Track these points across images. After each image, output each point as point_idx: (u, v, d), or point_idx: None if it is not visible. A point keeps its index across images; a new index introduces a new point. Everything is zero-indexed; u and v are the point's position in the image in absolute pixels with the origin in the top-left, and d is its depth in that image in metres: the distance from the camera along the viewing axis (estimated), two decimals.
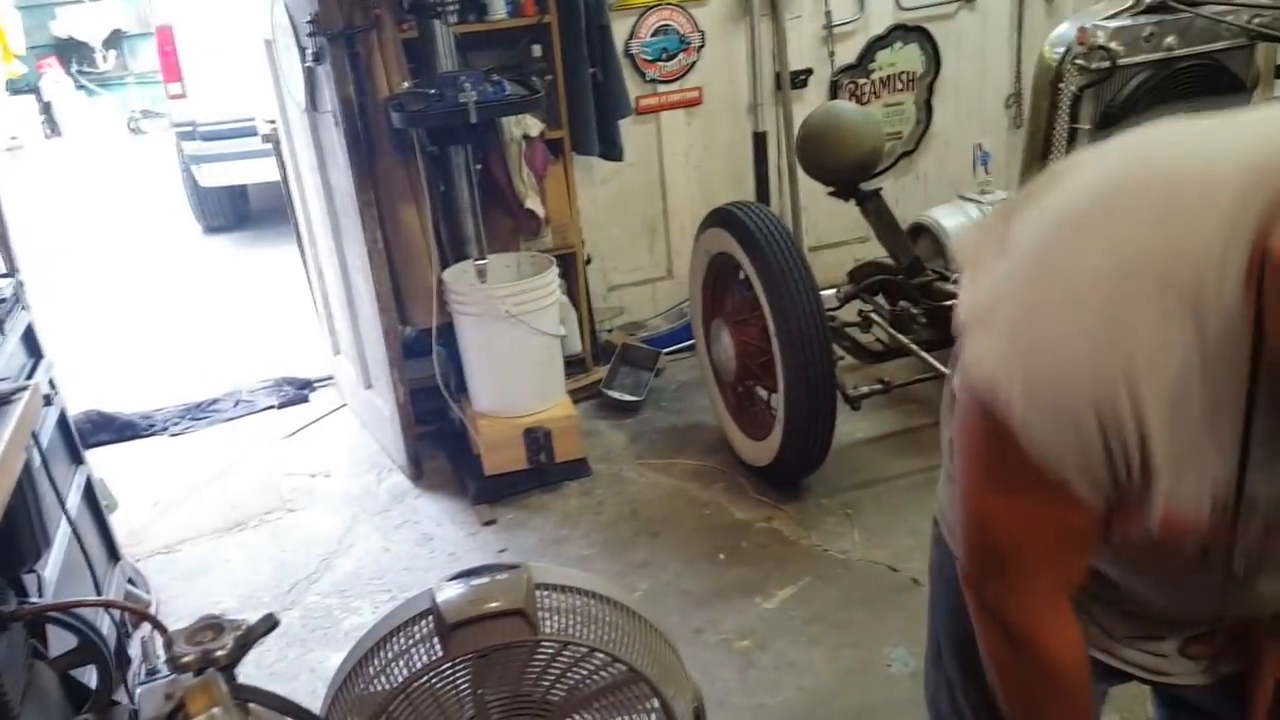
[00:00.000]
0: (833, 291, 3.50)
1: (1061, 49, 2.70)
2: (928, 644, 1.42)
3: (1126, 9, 2.66)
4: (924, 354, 3.26)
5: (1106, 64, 2.59)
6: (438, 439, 3.64)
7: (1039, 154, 2.84)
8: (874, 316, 3.39)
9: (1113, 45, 2.60)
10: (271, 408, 4.15)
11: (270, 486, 3.60)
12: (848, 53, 4.28)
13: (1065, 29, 2.72)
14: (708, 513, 3.20)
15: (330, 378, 4.26)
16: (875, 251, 3.67)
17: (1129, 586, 1.08)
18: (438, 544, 3.15)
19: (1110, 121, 2.68)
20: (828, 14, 4.16)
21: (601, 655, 1.73)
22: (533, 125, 3.33)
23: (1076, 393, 0.84)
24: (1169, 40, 2.65)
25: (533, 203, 3.38)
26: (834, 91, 4.28)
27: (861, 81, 4.32)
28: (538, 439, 3.28)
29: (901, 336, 3.33)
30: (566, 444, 3.33)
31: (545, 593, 1.76)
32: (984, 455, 0.97)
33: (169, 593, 3.09)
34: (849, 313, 3.49)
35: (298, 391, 4.22)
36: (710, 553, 2.99)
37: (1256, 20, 2.64)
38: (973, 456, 0.99)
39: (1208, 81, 2.72)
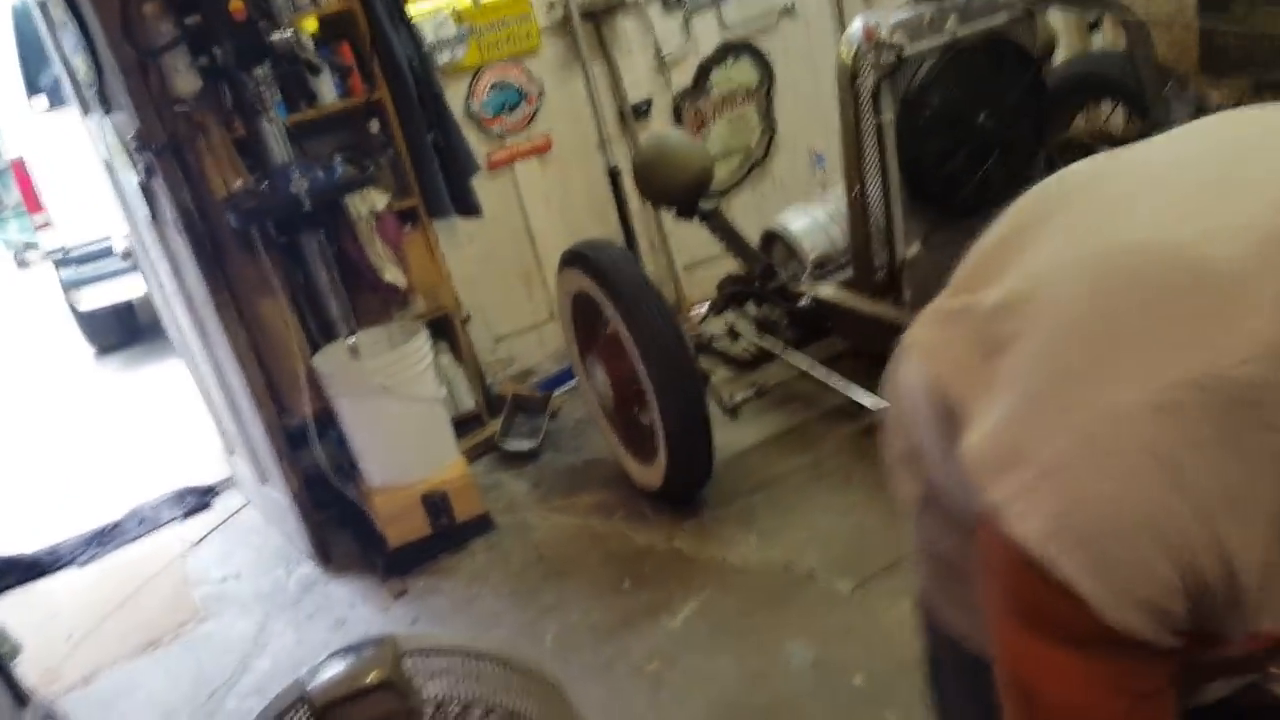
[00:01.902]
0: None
1: (853, 47, 2.84)
2: (934, 712, 1.28)
3: (908, 1, 2.81)
4: (790, 354, 3.38)
5: (894, 56, 2.74)
6: (341, 521, 3.65)
7: (852, 149, 2.98)
8: (738, 326, 3.51)
9: (897, 37, 2.74)
10: (175, 519, 4.12)
11: (181, 599, 3.58)
12: (683, 77, 4.42)
13: (854, 28, 2.87)
14: (611, 545, 3.26)
15: (230, 479, 4.25)
16: None
17: None
18: (351, 626, 3.16)
19: (909, 110, 2.82)
20: (657, 45, 4.30)
21: (479, 710, 1.79)
22: (378, 199, 3.39)
23: (1144, 546, 0.72)
24: (950, 23, 2.80)
25: (392, 275, 3.43)
26: (677, 116, 4.41)
27: (701, 102, 4.47)
28: (436, 503, 3.32)
29: (768, 341, 3.45)
30: (466, 503, 3.37)
31: (422, 658, 1.81)
32: (1040, 618, 0.80)
33: None
34: (721, 326, 3.61)
35: (200, 499, 4.21)
36: (616, 583, 3.05)
37: None
38: (1025, 619, 0.82)
39: (995, 56, 2.88)
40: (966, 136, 2.90)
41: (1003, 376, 0.81)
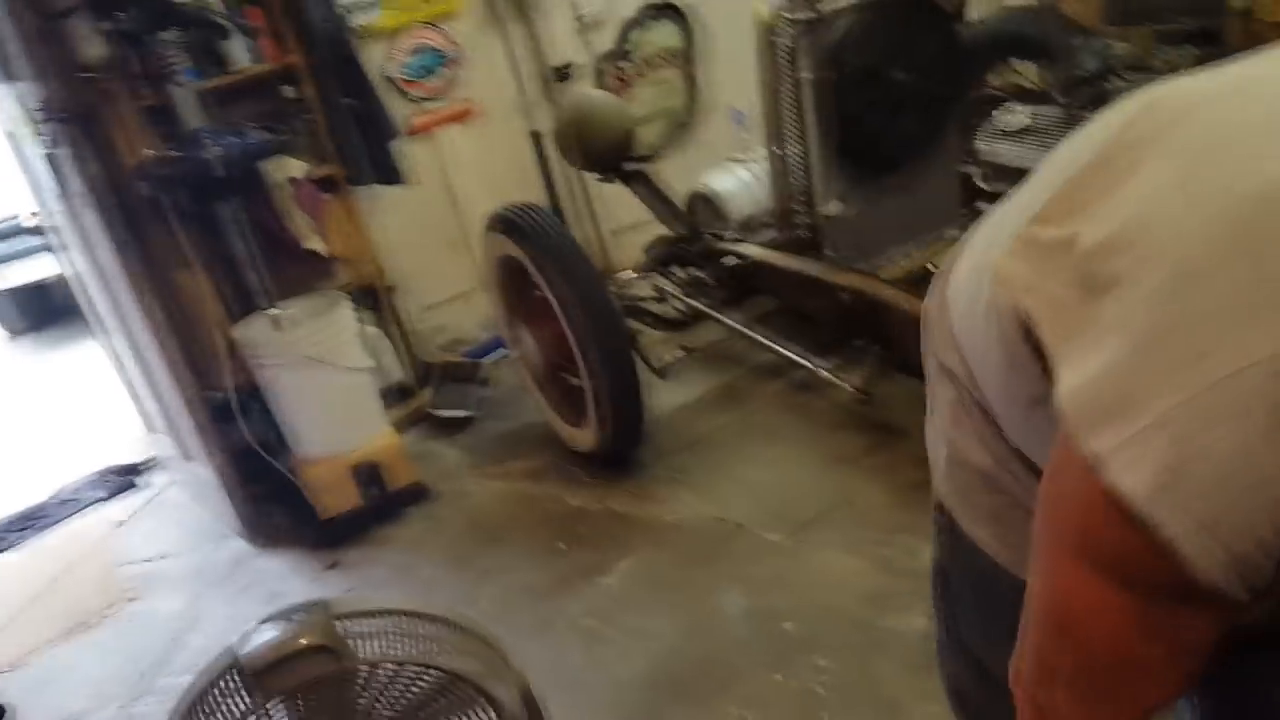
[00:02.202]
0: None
1: (771, 6, 2.86)
2: (943, 627, 1.28)
3: None
4: (718, 313, 3.41)
5: (811, 13, 2.76)
6: (271, 495, 3.60)
7: (773, 108, 3.00)
8: (667, 287, 3.53)
9: None
10: (100, 501, 4.04)
11: (109, 580, 3.52)
12: (605, 39, 4.40)
13: None
14: (546, 507, 3.28)
15: (154, 458, 4.17)
16: None
17: None
18: (284, 600, 3.13)
19: (828, 67, 2.85)
20: (576, 7, 4.26)
21: (415, 667, 1.80)
22: (295, 167, 3.33)
23: (1255, 507, 0.70)
24: None
25: (313, 243, 3.38)
26: (599, 79, 4.39)
27: (624, 65, 4.45)
28: (367, 473, 3.30)
29: (696, 301, 3.47)
30: (398, 472, 3.36)
31: (355, 621, 1.82)
32: (1113, 563, 0.78)
33: (22, 707, 3.00)
34: (649, 288, 3.63)
35: (124, 479, 4.12)
36: (551, 545, 3.07)
37: None
38: (1093, 561, 0.80)
39: (910, 13, 2.91)
40: (885, 93, 2.93)
41: (1108, 319, 0.75)
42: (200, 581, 3.34)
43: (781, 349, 3.20)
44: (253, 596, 3.19)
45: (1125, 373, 0.73)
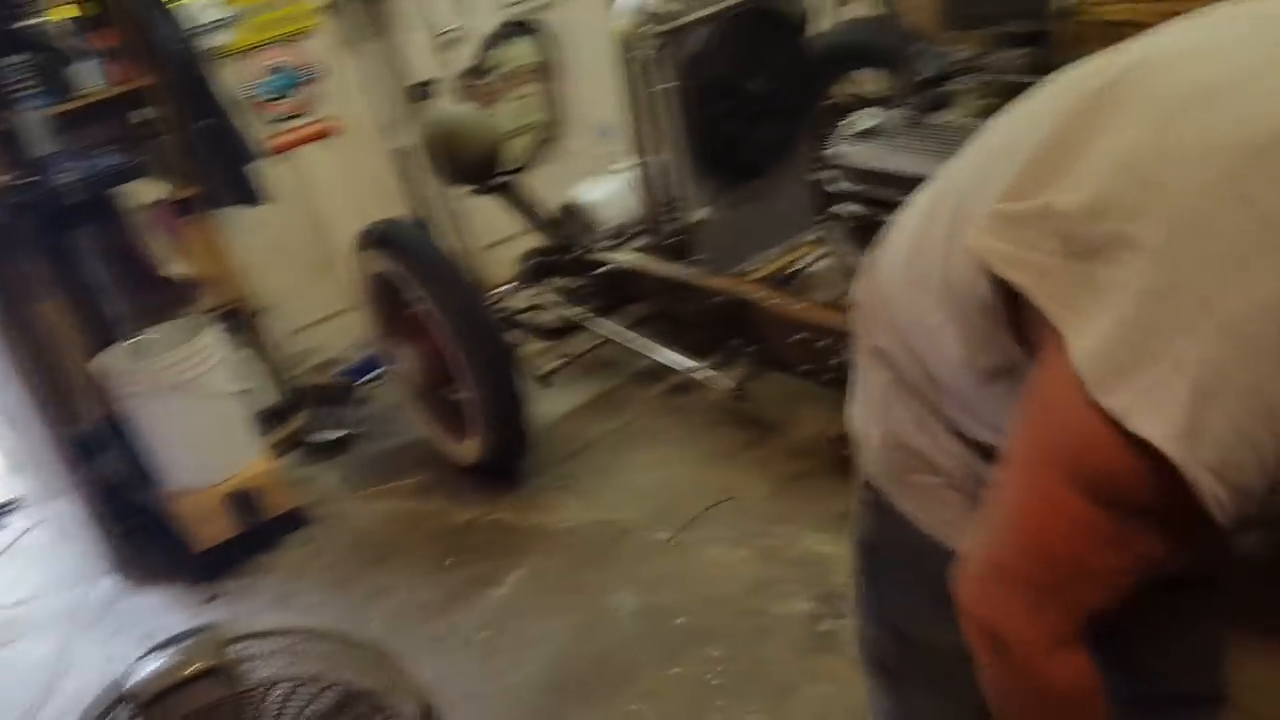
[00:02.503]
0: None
1: (629, 20, 2.94)
2: (865, 600, 1.33)
3: None
4: (595, 322, 3.47)
5: (666, 27, 2.85)
6: (144, 531, 3.47)
7: (637, 119, 3.09)
8: (543, 297, 3.57)
9: (669, 8, 2.86)
10: None
11: None
12: (464, 57, 4.41)
13: (627, 1, 2.96)
14: (431, 524, 3.26)
15: (17, 498, 3.96)
16: None
17: None
18: (162, 637, 3.03)
19: (685, 77, 2.95)
20: (435, 24, 4.27)
21: (312, 685, 1.79)
22: (153, 190, 3.24)
23: (1263, 441, 0.74)
24: None
25: (174, 268, 3.29)
26: (462, 95, 4.40)
27: (487, 80, 4.47)
28: (243, 501, 3.22)
29: (572, 310, 3.52)
30: (275, 498, 3.29)
31: (247, 643, 1.80)
32: (1100, 486, 0.82)
33: None
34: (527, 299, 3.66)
35: None
36: (439, 561, 3.07)
37: None
38: (1076, 480, 0.83)
39: (761, 23, 3.04)
40: (741, 102, 3.05)
41: (1110, 280, 0.77)
42: (71, 624, 3.20)
43: (657, 352, 3.28)
44: (128, 637, 3.07)
45: (1135, 328, 0.75)
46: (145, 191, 3.25)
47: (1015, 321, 0.91)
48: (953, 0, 2.30)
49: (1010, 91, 1.10)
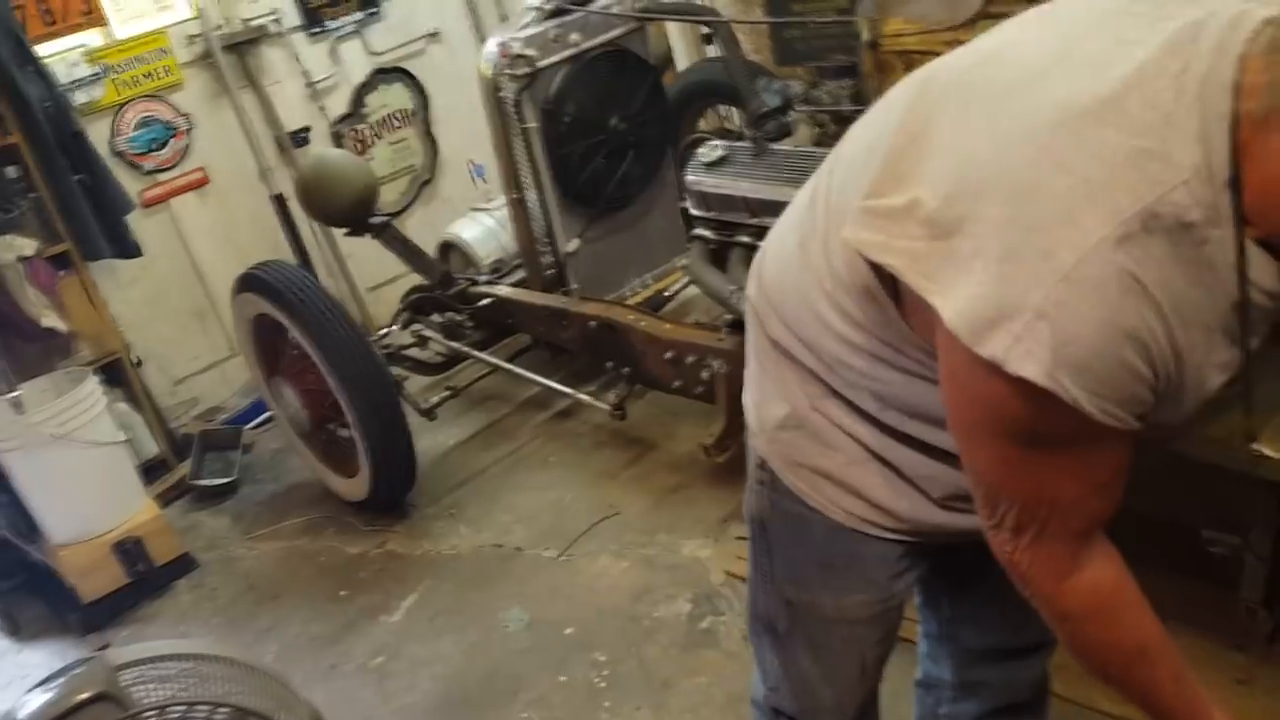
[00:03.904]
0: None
1: (492, 63, 3.09)
2: (757, 571, 1.45)
3: (532, 19, 3.10)
4: (479, 354, 3.59)
5: (528, 69, 3.01)
6: (29, 587, 3.44)
7: (506, 158, 3.24)
8: (426, 333, 3.66)
9: (529, 52, 3.02)
10: None
11: None
12: (339, 103, 4.51)
13: (490, 45, 3.12)
14: (323, 559, 3.31)
15: None
16: None
17: None
18: None
19: (549, 116, 3.11)
20: (305, 73, 4.36)
21: (204, 706, 1.84)
22: (25, 245, 3.24)
23: (1129, 354, 0.87)
24: (574, 37, 3.12)
25: (50, 320, 3.29)
26: (337, 141, 4.49)
27: (360, 127, 4.57)
28: (130, 550, 3.21)
29: (456, 344, 3.63)
30: (162, 545, 3.30)
31: (142, 668, 1.84)
32: (1019, 428, 0.95)
33: None
34: (409, 336, 3.75)
35: None
36: (332, 594, 3.12)
37: (637, 5, 3.18)
38: (1001, 431, 0.98)
39: (617, 64, 3.23)
40: (603, 139, 3.23)
41: (965, 251, 0.90)
42: None
43: (540, 380, 3.40)
44: (15, 692, 2.99)
45: (995, 286, 0.88)
46: (18, 246, 3.24)
47: (900, 305, 1.05)
48: (782, 39, 2.51)
49: (840, 119, 1.26)
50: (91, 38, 3.92)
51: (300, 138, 4.37)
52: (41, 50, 3.61)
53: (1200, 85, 0.84)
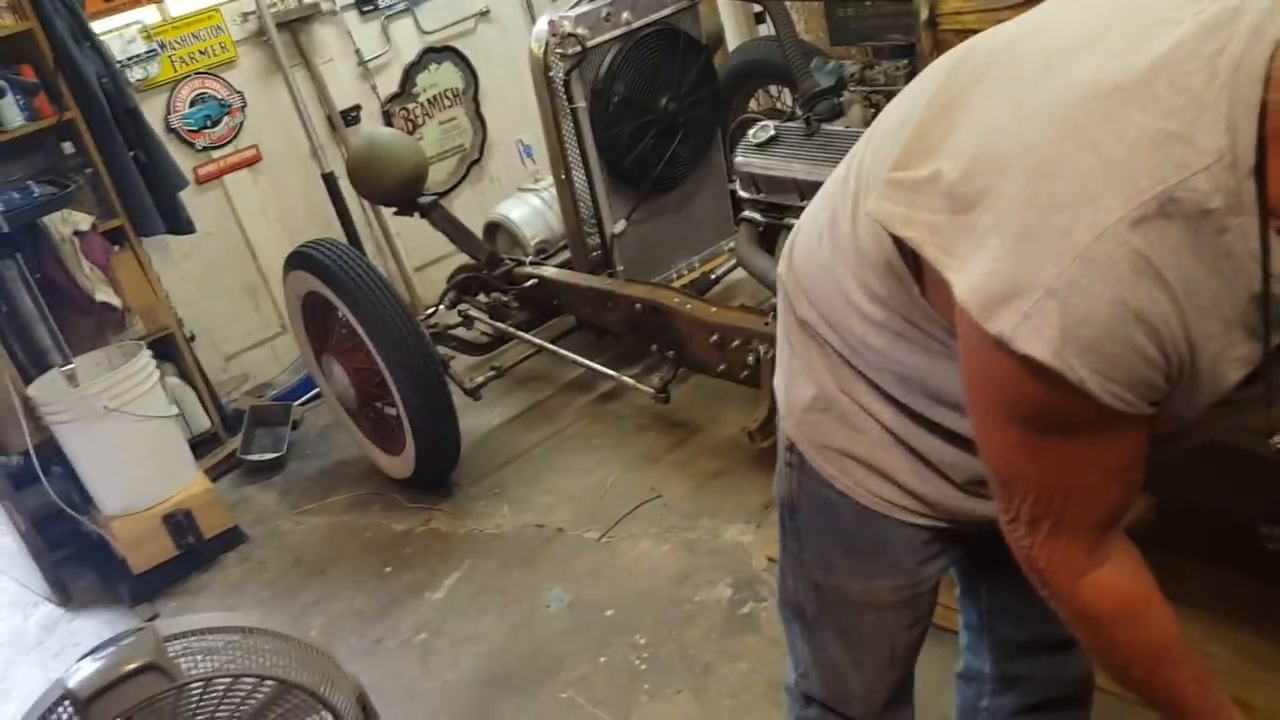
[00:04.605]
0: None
1: (542, 42, 3.08)
2: (786, 554, 1.45)
3: None
4: (524, 334, 3.59)
5: (578, 48, 2.99)
6: (80, 557, 3.52)
7: (554, 138, 3.22)
8: (472, 313, 3.67)
9: (579, 30, 3.01)
10: None
11: None
12: (389, 82, 4.52)
13: (540, 25, 3.11)
14: (369, 535, 3.34)
15: None
16: None
17: None
18: None
19: (598, 96, 3.09)
20: (357, 52, 4.38)
21: (250, 679, 1.87)
22: (81, 220, 3.30)
23: (1139, 336, 0.85)
24: (625, 15, 3.10)
25: (104, 294, 3.35)
26: (387, 120, 4.51)
27: (411, 106, 4.59)
28: (180, 522, 3.27)
29: (501, 324, 3.64)
30: (211, 518, 3.35)
31: (189, 639, 1.87)
32: (1035, 422, 0.95)
33: None
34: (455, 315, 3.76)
35: None
36: (377, 570, 3.14)
37: None
38: (1014, 416, 0.96)
39: (668, 43, 3.20)
40: (652, 120, 3.21)
41: (983, 226, 0.89)
42: (10, 650, 3.22)
43: (584, 362, 3.40)
44: (67, 659, 3.09)
45: (1009, 262, 0.87)
46: (75, 220, 3.30)
47: (921, 281, 1.03)
48: (838, 18, 2.47)
49: (900, 92, 1.22)
50: (148, 14, 3.97)
51: (351, 116, 4.40)
52: (98, 27, 3.67)
53: (1232, 71, 0.82)
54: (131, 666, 1.74)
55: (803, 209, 1.30)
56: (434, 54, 4.59)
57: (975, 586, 1.56)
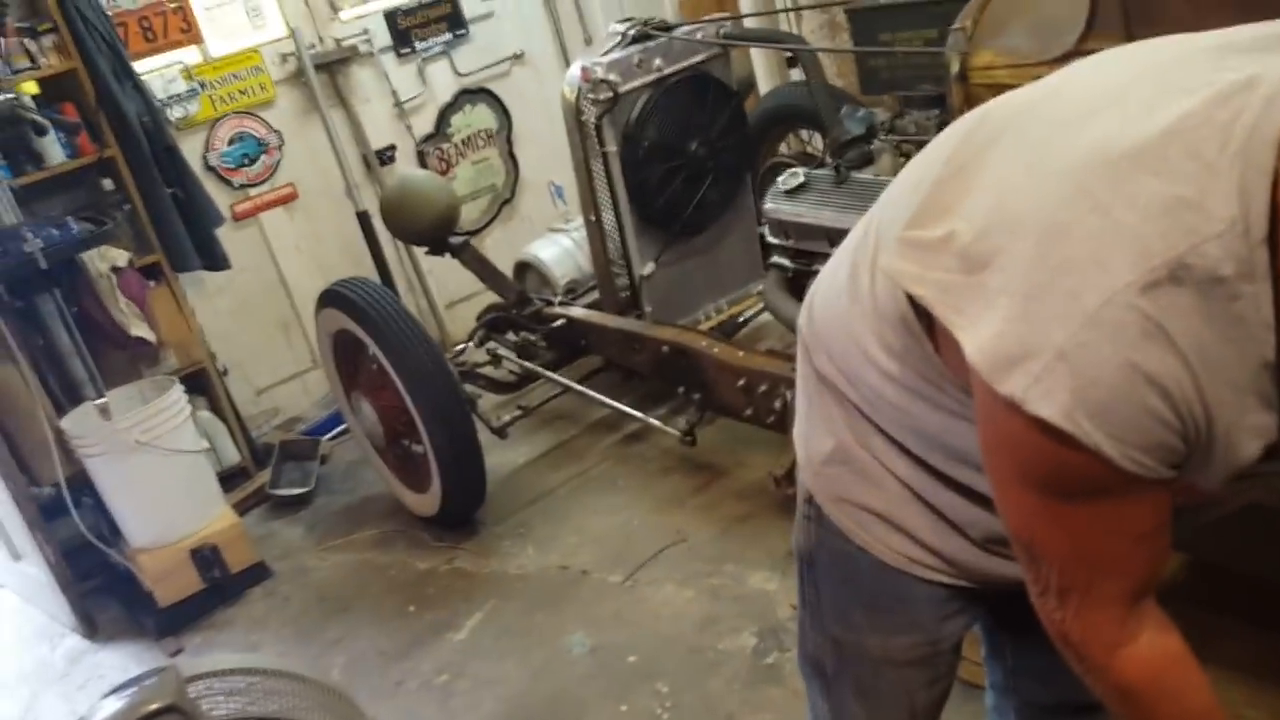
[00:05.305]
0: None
1: (575, 87, 3.11)
2: (805, 608, 1.43)
3: (616, 44, 3.11)
4: (551, 374, 3.60)
5: (610, 94, 3.02)
6: (107, 589, 3.54)
7: (585, 181, 3.25)
8: (500, 351, 3.69)
9: (611, 77, 3.04)
10: None
11: None
12: (424, 123, 4.59)
13: (573, 70, 3.14)
14: (393, 573, 3.34)
15: None
16: None
17: None
18: None
19: (629, 140, 3.12)
20: (394, 93, 4.45)
21: None
22: (118, 256, 3.36)
23: (1152, 399, 0.84)
24: (657, 62, 3.13)
25: (139, 329, 3.40)
26: (422, 160, 4.57)
27: (445, 146, 4.65)
28: (206, 556, 3.29)
29: (529, 363, 3.65)
30: (237, 553, 3.36)
31: (211, 680, 1.88)
32: (1054, 488, 0.93)
33: None
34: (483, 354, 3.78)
35: None
36: (400, 608, 3.14)
37: (721, 31, 3.18)
38: (1030, 482, 0.95)
39: (699, 89, 3.22)
40: (682, 163, 3.22)
41: (993, 286, 0.89)
42: (36, 682, 3.24)
43: (611, 403, 3.40)
44: (92, 692, 3.11)
45: (1019, 324, 0.87)
46: (112, 256, 3.36)
47: (935, 339, 1.03)
48: (868, 67, 2.48)
49: (922, 149, 1.23)
50: (189, 54, 4.05)
51: (386, 156, 4.46)
52: (140, 66, 3.75)
53: (1246, 138, 0.82)
54: (153, 708, 1.74)
55: (826, 255, 1.30)
56: (469, 95, 4.66)
57: (1000, 646, 1.53)
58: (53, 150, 3.44)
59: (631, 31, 3.12)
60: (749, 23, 3.79)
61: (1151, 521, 0.95)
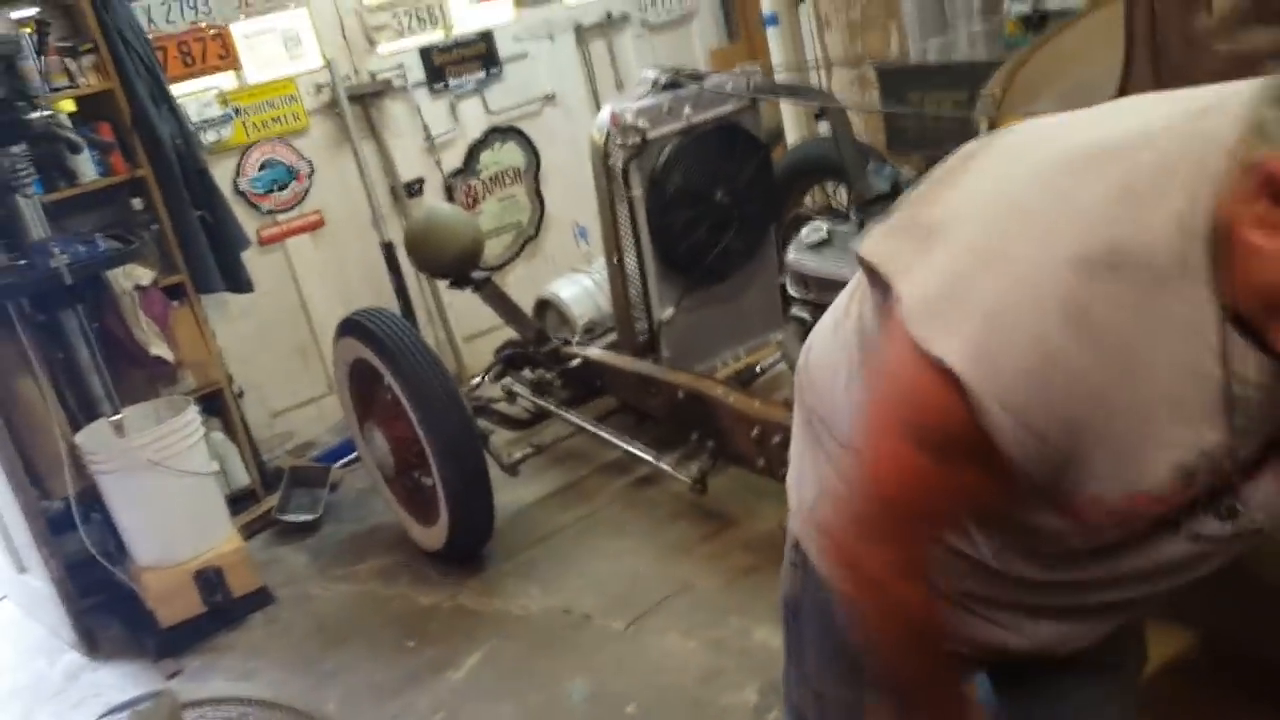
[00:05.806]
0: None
1: (603, 131, 3.13)
2: (790, 658, 1.44)
3: (647, 91, 3.14)
4: (565, 413, 3.59)
5: (638, 139, 3.04)
6: (109, 606, 3.53)
7: (609, 223, 3.26)
8: (516, 388, 3.69)
9: (640, 123, 3.05)
10: None
11: None
12: (454, 158, 4.63)
13: (603, 114, 3.16)
14: (394, 606, 3.32)
15: None
16: None
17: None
18: None
19: (655, 185, 3.13)
20: (425, 128, 4.49)
21: None
22: (143, 275, 3.38)
23: (1051, 377, 0.86)
24: (686, 110, 3.14)
25: (159, 349, 3.41)
26: (449, 194, 4.61)
27: (473, 182, 4.69)
28: (210, 579, 3.27)
29: (543, 401, 3.64)
30: (241, 578, 3.35)
31: (205, 709, 1.86)
32: (924, 431, 0.96)
33: None
34: (499, 389, 3.78)
35: None
36: (400, 643, 3.11)
37: (752, 83, 3.20)
38: (908, 430, 0.97)
39: (727, 139, 3.24)
40: (707, 211, 3.23)
41: (940, 248, 0.93)
42: (31, 697, 3.22)
43: (623, 445, 3.38)
44: (87, 711, 3.08)
45: (949, 274, 0.91)
46: (137, 274, 3.38)
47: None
48: (895, 125, 2.48)
49: None
50: (225, 80, 4.12)
51: (414, 188, 4.50)
52: (177, 90, 3.81)
53: (1204, 143, 0.87)
54: None
55: None
56: (499, 133, 4.70)
57: (992, 703, 1.50)
58: (85, 168, 3.49)
59: (663, 79, 3.14)
60: (779, 76, 3.81)
61: (995, 502, 0.99)
